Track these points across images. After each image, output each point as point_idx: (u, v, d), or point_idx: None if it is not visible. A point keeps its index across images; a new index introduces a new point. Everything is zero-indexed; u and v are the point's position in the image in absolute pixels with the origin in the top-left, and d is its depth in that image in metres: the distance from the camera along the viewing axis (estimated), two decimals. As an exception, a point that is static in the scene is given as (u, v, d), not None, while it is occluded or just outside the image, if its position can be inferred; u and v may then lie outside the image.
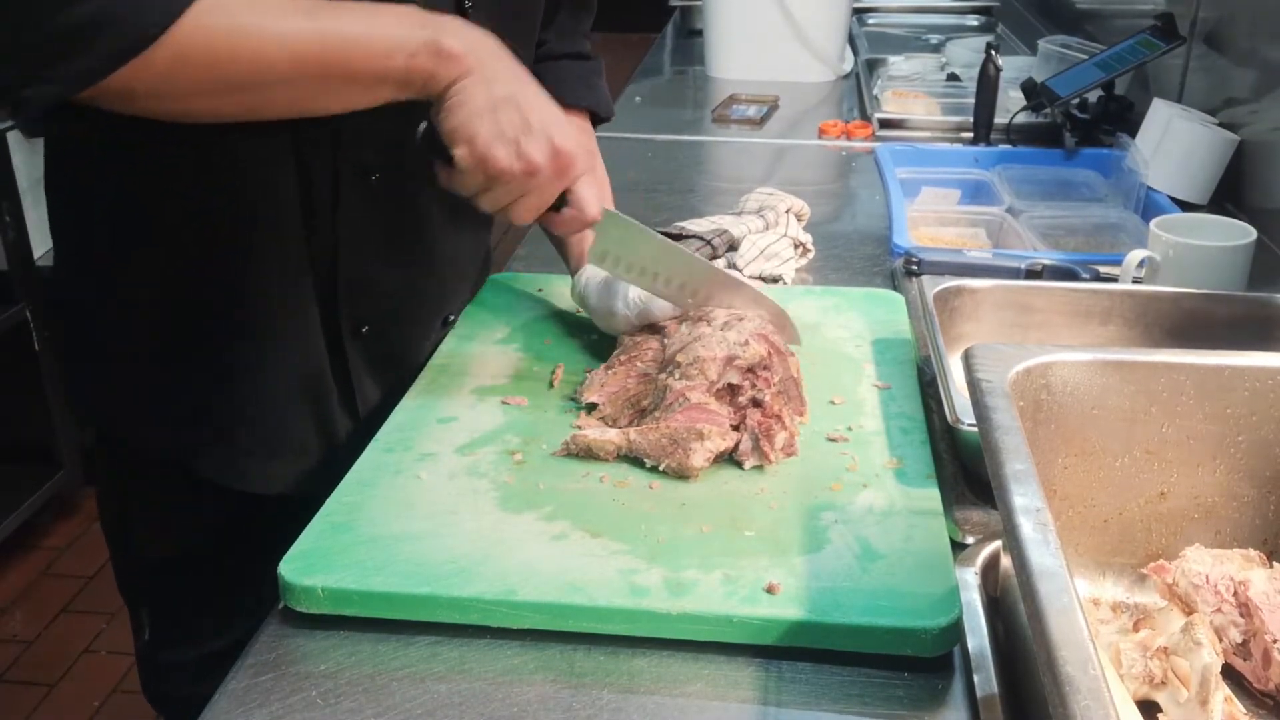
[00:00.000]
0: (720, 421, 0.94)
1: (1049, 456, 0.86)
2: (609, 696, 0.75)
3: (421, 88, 0.92)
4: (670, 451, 0.92)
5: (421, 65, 0.91)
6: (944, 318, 1.13)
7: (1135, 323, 1.15)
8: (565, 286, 1.28)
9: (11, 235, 2.49)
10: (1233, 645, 0.78)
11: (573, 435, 0.95)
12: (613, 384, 1.02)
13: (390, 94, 0.92)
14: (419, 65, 0.91)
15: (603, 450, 0.94)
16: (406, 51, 0.90)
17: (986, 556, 0.87)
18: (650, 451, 0.93)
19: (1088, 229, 1.57)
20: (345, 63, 0.90)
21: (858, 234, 1.57)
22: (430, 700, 0.74)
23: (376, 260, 1.08)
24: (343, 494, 0.90)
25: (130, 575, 1.20)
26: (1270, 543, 0.87)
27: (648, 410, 0.98)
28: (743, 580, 0.80)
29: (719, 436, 0.92)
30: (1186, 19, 1.74)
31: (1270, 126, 1.51)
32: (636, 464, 0.94)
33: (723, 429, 0.94)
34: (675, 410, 0.95)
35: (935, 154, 1.85)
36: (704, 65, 2.54)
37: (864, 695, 0.75)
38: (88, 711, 2.26)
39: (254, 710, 0.74)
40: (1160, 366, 0.86)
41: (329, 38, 0.89)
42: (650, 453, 0.93)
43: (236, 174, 0.99)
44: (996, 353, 0.85)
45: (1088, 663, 0.56)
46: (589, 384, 1.04)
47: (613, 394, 1.01)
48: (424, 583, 0.80)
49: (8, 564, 2.66)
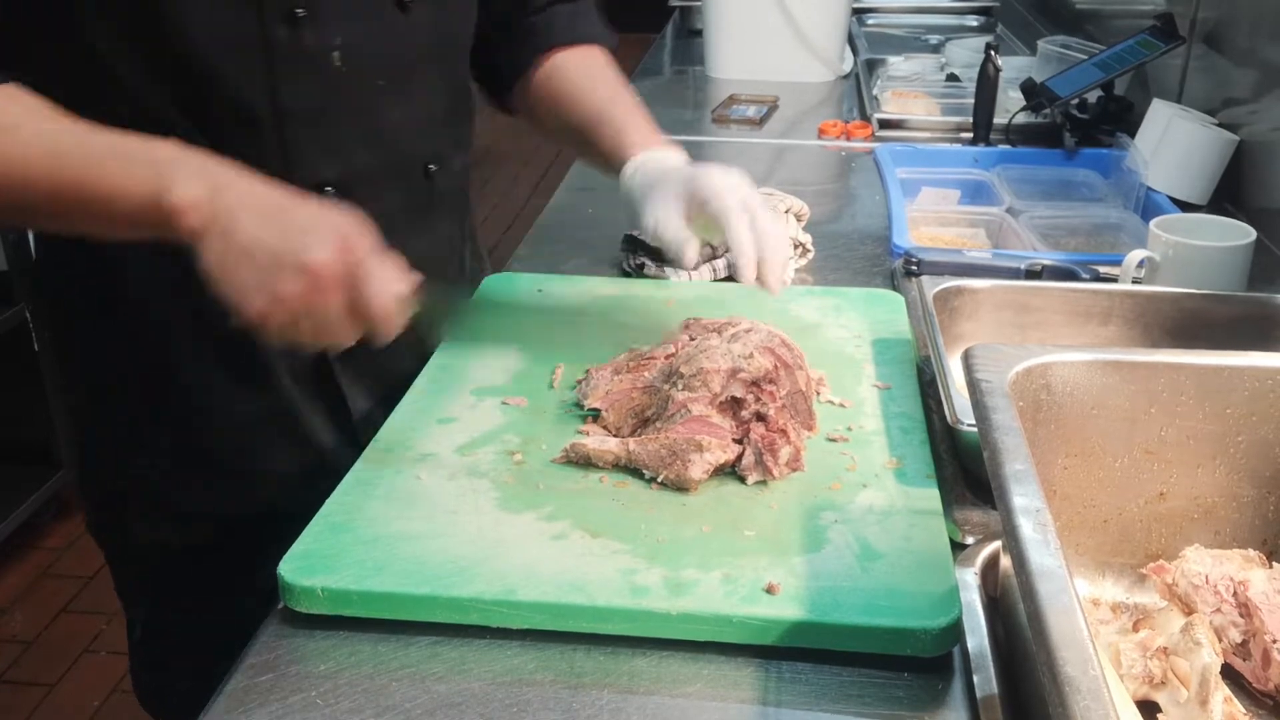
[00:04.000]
0: (721, 434, 0.94)
1: (1049, 457, 0.86)
2: (609, 696, 0.75)
3: (163, 234, 0.87)
4: (669, 463, 0.91)
5: (150, 219, 0.86)
6: (944, 318, 1.13)
7: (1135, 323, 1.15)
8: (565, 286, 1.28)
9: (12, 236, 2.50)
10: (1232, 645, 0.78)
11: (572, 444, 0.95)
12: (617, 391, 1.02)
13: (146, 235, 0.88)
14: (147, 219, 0.87)
15: (601, 460, 0.94)
16: (132, 203, 0.87)
17: (986, 557, 0.87)
18: (649, 462, 0.92)
19: (1087, 229, 1.57)
20: (81, 206, 0.88)
21: (857, 234, 1.57)
22: (430, 700, 0.74)
23: None
24: (342, 494, 0.90)
25: (125, 575, 1.20)
26: (1270, 543, 0.87)
27: (650, 420, 0.98)
28: (742, 580, 0.80)
29: (719, 449, 0.92)
30: (1186, 19, 1.74)
31: (1270, 126, 1.51)
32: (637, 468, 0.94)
33: (723, 442, 0.93)
34: (676, 421, 0.95)
35: (935, 154, 1.85)
36: (704, 65, 2.54)
37: (864, 695, 0.75)
38: (88, 711, 2.26)
39: (254, 710, 0.74)
40: (1160, 366, 0.86)
41: (63, 177, 0.87)
42: (649, 463, 0.92)
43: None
44: (996, 353, 0.85)
45: (1088, 663, 0.56)
46: (593, 387, 1.03)
47: (616, 401, 1.01)
48: (424, 583, 0.80)
49: (8, 564, 2.66)
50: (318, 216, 0.87)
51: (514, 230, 4.35)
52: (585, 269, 1.43)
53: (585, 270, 1.43)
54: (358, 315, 0.87)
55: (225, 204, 0.86)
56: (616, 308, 1.22)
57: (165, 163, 0.87)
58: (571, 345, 1.14)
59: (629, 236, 1.43)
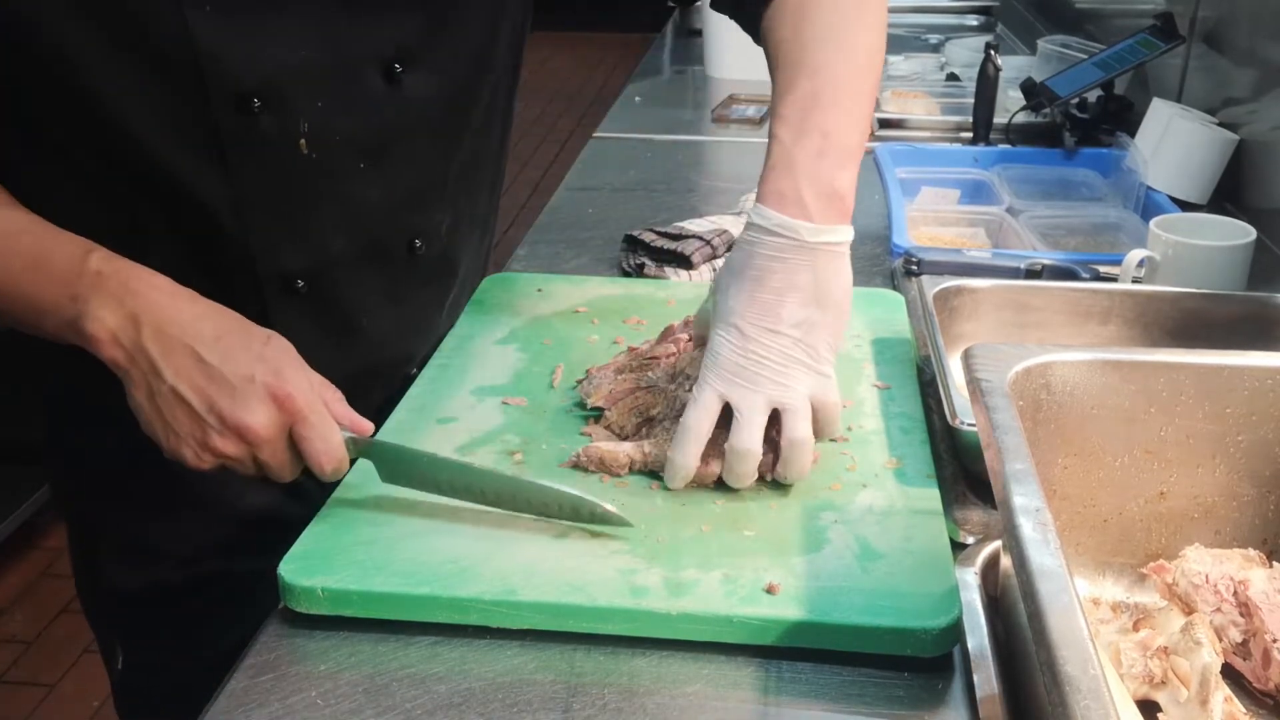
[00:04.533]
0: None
1: (1049, 456, 0.86)
2: (609, 696, 0.75)
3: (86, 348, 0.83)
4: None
5: (73, 340, 0.83)
6: (943, 317, 1.13)
7: (1135, 322, 1.15)
8: (565, 286, 1.28)
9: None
10: (1232, 645, 0.78)
11: (585, 449, 0.93)
12: (620, 390, 1.01)
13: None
14: (70, 340, 0.83)
15: (615, 463, 0.92)
16: (53, 322, 0.83)
17: (986, 556, 0.87)
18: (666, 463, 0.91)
19: (1087, 229, 1.57)
20: (11, 315, 0.85)
21: (857, 233, 1.54)
22: (430, 700, 0.74)
23: (318, 356, 0.92)
24: (342, 494, 0.90)
25: (102, 608, 1.17)
26: (1270, 542, 0.87)
27: (656, 420, 0.97)
28: (742, 580, 0.80)
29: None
30: (1186, 18, 1.74)
31: (1270, 126, 1.51)
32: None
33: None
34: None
35: (935, 154, 1.85)
36: (703, 65, 2.54)
37: (864, 695, 0.75)
38: (87, 711, 2.26)
39: (254, 710, 0.74)
40: (1160, 366, 0.86)
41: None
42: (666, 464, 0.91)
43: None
44: (996, 352, 0.85)
45: (1088, 662, 0.56)
46: (595, 386, 1.03)
47: (619, 401, 1.00)
48: (424, 583, 0.80)
49: (8, 564, 2.66)
50: (255, 360, 0.82)
51: (514, 230, 4.35)
52: (585, 269, 1.44)
53: (585, 270, 1.43)
54: (298, 462, 0.85)
55: (146, 340, 0.81)
56: (616, 308, 1.22)
57: (80, 283, 0.82)
58: (571, 345, 1.14)
59: (629, 236, 1.43)
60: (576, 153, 2.00)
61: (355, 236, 0.99)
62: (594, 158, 1.97)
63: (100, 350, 0.82)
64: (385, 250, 1.03)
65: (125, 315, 0.81)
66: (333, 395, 0.87)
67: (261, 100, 0.88)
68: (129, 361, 0.82)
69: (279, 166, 0.92)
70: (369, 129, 0.95)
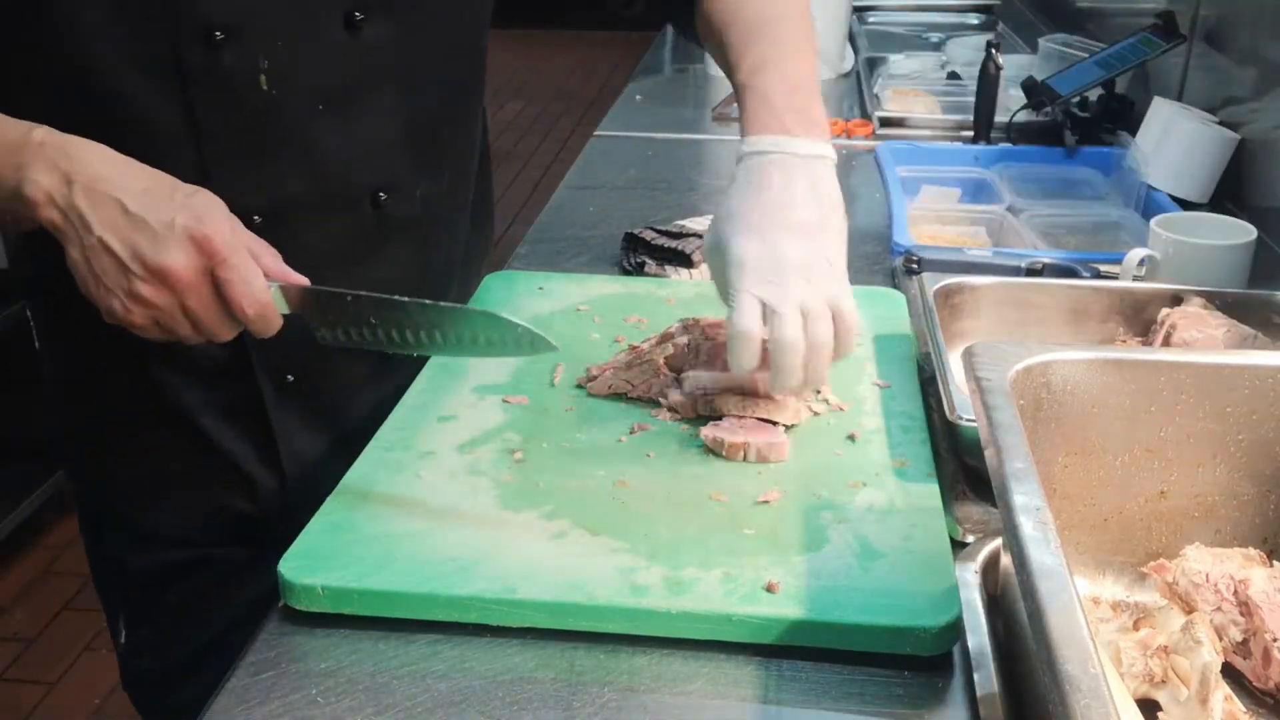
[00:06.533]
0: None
1: (1049, 455, 0.86)
2: (609, 695, 0.75)
3: (31, 223, 0.84)
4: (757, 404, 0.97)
5: (17, 211, 0.84)
6: (944, 315, 1.13)
7: (1135, 321, 1.15)
8: (566, 284, 1.28)
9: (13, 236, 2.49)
10: (1233, 644, 0.78)
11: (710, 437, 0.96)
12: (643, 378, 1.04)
13: (29, 226, 0.85)
14: (16, 212, 0.84)
15: (725, 405, 0.99)
16: (1, 196, 0.84)
17: (986, 555, 0.87)
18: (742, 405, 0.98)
19: (1088, 227, 1.57)
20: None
21: (858, 232, 1.56)
22: (430, 698, 0.74)
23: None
24: (342, 492, 0.90)
25: (104, 580, 1.20)
26: (1270, 541, 0.87)
27: (686, 367, 1.02)
28: (742, 579, 0.80)
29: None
30: (1187, 17, 1.73)
31: (1270, 125, 1.51)
32: (636, 462, 0.94)
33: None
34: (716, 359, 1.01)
35: (936, 152, 1.85)
36: (704, 64, 2.53)
37: (864, 694, 0.75)
38: (88, 710, 2.27)
39: (254, 708, 0.74)
40: (1160, 365, 0.86)
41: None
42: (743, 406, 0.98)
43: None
44: (997, 351, 0.85)
45: (1088, 661, 0.56)
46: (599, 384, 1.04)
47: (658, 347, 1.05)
48: (424, 581, 0.80)
49: (8, 563, 2.66)
50: (178, 208, 0.83)
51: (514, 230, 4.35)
52: (585, 267, 1.44)
53: (585, 269, 1.43)
54: (227, 313, 0.85)
55: (77, 196, 0.82)
56: (617, 306, 1.22)
57: (24, 153, 0.83)
58: (572, 344, 1.14)
59: (630, 235, 1.43)
60: (577, 152, 2.00)
61: (317, 182, 1.01)
62: (595, 156, 1.97)
63: (38, 213, 0.83)
64: (348, 200, 1.04)
65: (60, 176, 0.83)
66: (264, 249, 0.87)
67: (224, 34, 0.91)
68: (64, 221, 0.83)
69: (239, 103, 0.94)
70: (329, 74, 0.98)
